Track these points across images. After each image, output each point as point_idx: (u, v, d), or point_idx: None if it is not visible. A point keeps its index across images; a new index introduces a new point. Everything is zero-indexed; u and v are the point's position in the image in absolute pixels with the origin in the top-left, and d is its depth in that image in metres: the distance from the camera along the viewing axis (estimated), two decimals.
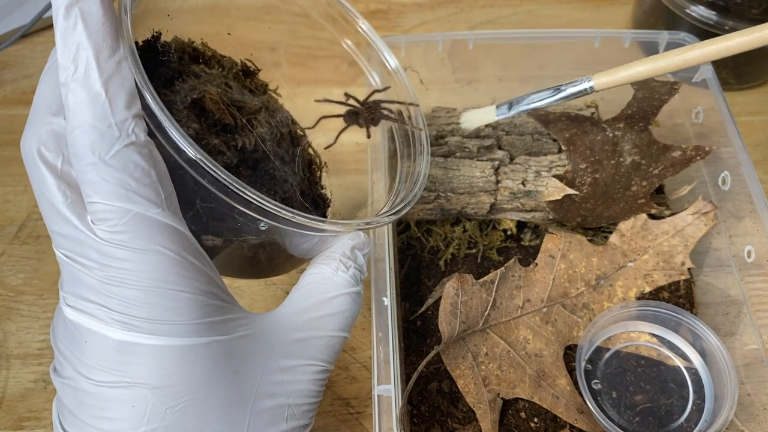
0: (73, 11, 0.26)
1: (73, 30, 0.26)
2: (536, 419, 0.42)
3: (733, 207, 0.47)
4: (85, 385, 0.28)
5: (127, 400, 0.27)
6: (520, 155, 0.50)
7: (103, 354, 0.27)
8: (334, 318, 0.33)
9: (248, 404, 0.29)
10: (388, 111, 0.42)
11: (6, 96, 0.60)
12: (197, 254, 0.28)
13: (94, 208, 0.26)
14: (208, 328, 0.28)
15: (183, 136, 0.27)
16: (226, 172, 0.28)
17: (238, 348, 0.29)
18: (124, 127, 0.26)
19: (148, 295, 0.27)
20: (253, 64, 0.39)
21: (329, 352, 0.32)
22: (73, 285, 0.28)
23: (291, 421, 0.30)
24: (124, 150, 0.26)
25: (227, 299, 0.30)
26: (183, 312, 0.27)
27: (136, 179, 0.26)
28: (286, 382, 0.31)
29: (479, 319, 0.44)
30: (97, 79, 0.26)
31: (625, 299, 0.46)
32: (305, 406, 0.31)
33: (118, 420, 0.27)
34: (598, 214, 0.48)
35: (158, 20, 0.34)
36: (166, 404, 0.27)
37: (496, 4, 0.69)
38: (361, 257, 0.35)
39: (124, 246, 0.26)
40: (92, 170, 0.26)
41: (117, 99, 0.26)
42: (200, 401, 0.28)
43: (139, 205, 0.26)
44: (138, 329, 0.27)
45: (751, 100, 0.61)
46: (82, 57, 0.26)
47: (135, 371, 0.27)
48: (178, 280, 0.27)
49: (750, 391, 0.42)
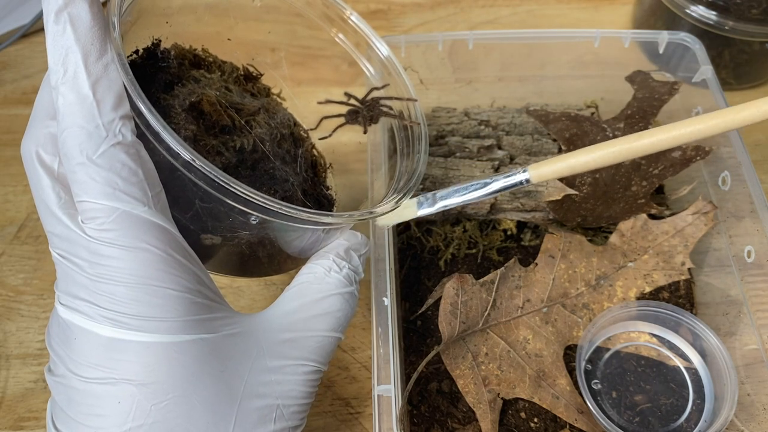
0: (63, 16, 0.27)
1: (62, 34, 0.27)
2: (536, 419, 0.42)
3: (733, 207, 0.47)
4: (74, 382, 0.28)
5: (114, 396, 0.27)
6: (520, 155, 0.50)
7: (92, 351, 0.28)
8: (325, 318, 0.33)
9: (235, 403, 0.29)
10: (387, 108, 0.42)
11: (6, 96, 0.61)
12: (185, 252, 0.29)
13: (83, 207, 0.27)
14: (195, 326, 0.29)
15: (157, 119, 0.27)
16: (207, 162, 0.28)
17: (225, 347, 0.30)
18: (111, 128, 0.27)
19: (134, 292, 0.27)
20: (255, 69, 0.39)
21: (321, 352, 0.32)
22: (66, 284, 0.28)
23: (280, 422, 0.30)
24: (111, 150, 0.27)
25: (215, 298, 0.30)
26: (169, 309, 0.28)
27: (123, 178, 0.27)
28: (275, 383, 0.31)
29: (479, 319, 0.44)
30: (85, 81, 0.27)
31: (625, 299, 0.46)
32: (295, 407, 0.31)
33: (105, 416, 0.27)
34: (598, 214, 0.48)
35: (158, 28, 0.35)
36: (151, 401, 0.27)
37: (496, 4, 0.69)
38: (357, 258, 0.35)
39: (111, 243, 0.27)
40: (81, 170, 0.27)
41: (104, 101, 0.27)
42: (185, 399, 0.28)
43: (126, 204, 0.27)
44: (125, 326, 0.27)
45: (751, 100, 0.61)
46: (71, 60, 0.27)
47: (122, 368, 0.27)
48: (165, 277, 0.28)
49: (750, 391, 0.42)
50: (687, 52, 0.52)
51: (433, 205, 0.39)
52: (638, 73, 0.51)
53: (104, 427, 0.27)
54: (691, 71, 0.51)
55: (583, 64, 0.54)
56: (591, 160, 0.36)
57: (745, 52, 0.58)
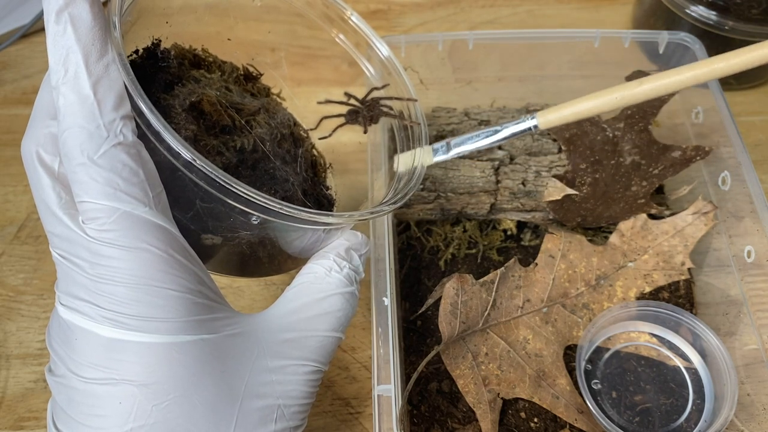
0: (64, 16, 0.27)
1: (63, 34, 0.27)
2: (536, 419, 0.42)
3: (733, 207, 0.47)
4: (75, 382, 0.28)
5: (115, 397, 0.27)
6: (520, 155, 0.50)
7: (92, 351, 0.28)
8: (326, 318, 0.33)
9: (236, 403, 0.29)
10: (387, 108, 0.42)
11: (6, 96, 0.61)
12: (185, 253, 0.29)
13: (84, 207, 0.27)
14: (195, 326, 0.29)
15: (158, 120, 0.27)
16: (208, 162, 0.28)
17: (225, 347, 0.30)
18: (112, 128, 0.27)
19: (135, 292, 0.27)
20: (255, 69, 0.39)
21: (321, 352, 0.32)
22: (66, 284, 0.28)
23: (281, 422, 0.30)
24: (112, 150, 0.27)
25: (216, 299, 0.30)
26: (170, 309, 0.28)
27: (123, 178, 0.27)
28: (276, 383, 0.31)
29: (479, 319, 0.44)
30: (86, 81, 0.27)
31: (625, 299, 0.46)
32: (296, 407, 0.31)
33: (105, 417, 0.27)
34: (598, 214, 0.48)
35: (158, 28, 0.35)
36: (152, 401, 0.27)
37: (496, 4, 0.69)
38: (357, 258, 0.35)
39: (112, 244, 0.27)
40: (81, 170, 0.27)
41: (105, 101, 0.27)
42: (186, 399, 0.28)
43: (127, 204, 0.27)
44: (126, 326, 0.27)
45: (751, 100, 0.61)
46: (72, 60, 0.27)
47: (123, 368, 0.27)
48: (165, 277, 0.28)
49: (750, 391, 0.42)
50: (687, 52, 0.52)
51: (448, 152, 0.40)
52: (638, 73, 0.50)
53: (105, 427, 0.27)
54: None
55: (583, 64, 0.54)
56: (594, 106, 0.37)
57: None
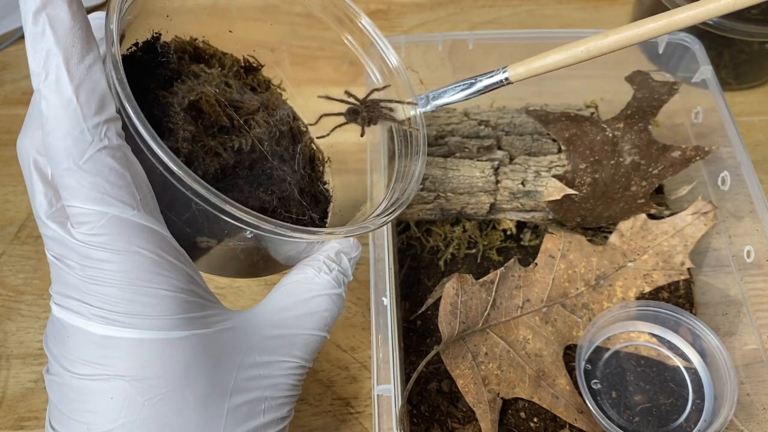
0: (41, 17, 0.26)
1: (41, 36, 0.26)
2: (536, 419, 0.42)
3: (733, 207, 0.47)
4: (68, 379, 0.28)
5: (107, 392, 0.28)
6: (519, 155, 0.50)
7: (84, 348, 0.28)
8: (313, 317, 0.33)
9: (226, 397, 0.30)
10: (386, 110, 0.42)
11: (6, 96, 0.61)
12: (175, 253, 0.29)
13: (72, 211, 0.27)
14: (187, 323, 0.29)
15: (161, 147, 0.27)
16: (198, 179, 0.28)
17: (216, 342, 0.30)
18: (96, 132, 0.27)
19: (126, 293, 0.27)
20: (256, 60, 0.39)
21: (306, 349, 0.33)
22: (59, 284, 0.28)
23: (269, 413, 0.31)
24: (97, 154, 0.27)
25: (208, 297, 0.31)
26: (161, 308, 0.28)
27: (110, 182, 0.27)
28: (263, 377, 0.31)
29: (479, 319, 0.44)
30: (67, 84, 0.26)
31: (625, 299, 0.46)
32: (282, 399, 0.32)
33: (97, 413, 0.28)
34: (597, 214, 0.48)
35: (158, 21, 0.34)
36: (144, 396, 0.28)
37: (496, 4, 0.69)
38: (346, 261, 0.35)
39: (102, 247, 0.27)
40: (68, 175, 0.27)
41: (88, 104, 0.27)
42: (178, 394, 0.28)
43: (114, 208, 0.27)
44: (118, 323, 0.27)
45: (751, 100, 0.61)
46: (52, 63, 0.26)
47: (115, 364, 0.28)
48: (156, 278, 0.28)
49: (750, 391, 0.42)
50: (687, 52, 0.52)
51: (427, 105, 0.42)
52: (638, 73, 0.50)
53: (97, 422, 0.28)
54: (690, 71, 0.51)
55: (582, 64, 0.54)
56: (562, 59, 0.38)
57: (745, 52, 0.58)
